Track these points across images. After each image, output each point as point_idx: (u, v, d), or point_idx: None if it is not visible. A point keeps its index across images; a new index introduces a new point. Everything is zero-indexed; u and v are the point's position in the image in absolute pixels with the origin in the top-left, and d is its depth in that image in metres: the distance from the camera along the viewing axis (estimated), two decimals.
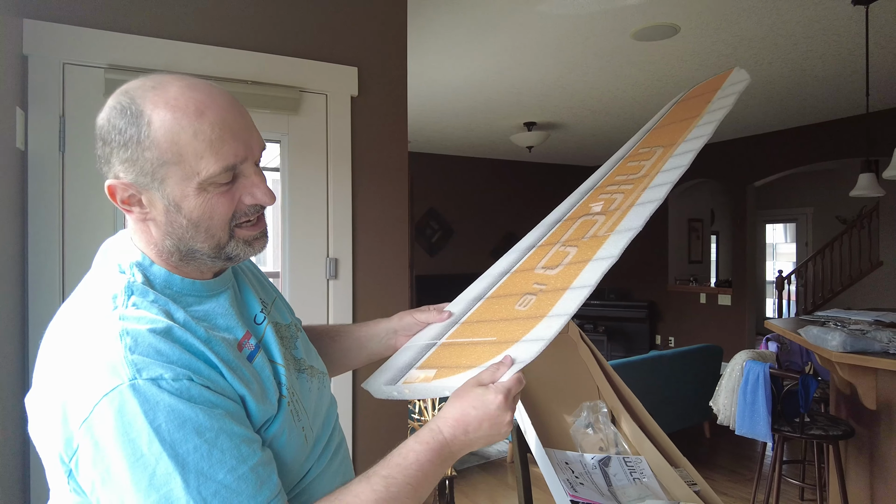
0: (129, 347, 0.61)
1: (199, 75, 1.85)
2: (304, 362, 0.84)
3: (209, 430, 0.62)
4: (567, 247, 0.89)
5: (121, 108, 0.67)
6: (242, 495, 0.62)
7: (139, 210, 0.70)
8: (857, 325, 2.45)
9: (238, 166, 0.69)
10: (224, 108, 0.69)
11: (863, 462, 2.46)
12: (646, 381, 3.66)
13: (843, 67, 3.89)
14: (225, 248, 0.72)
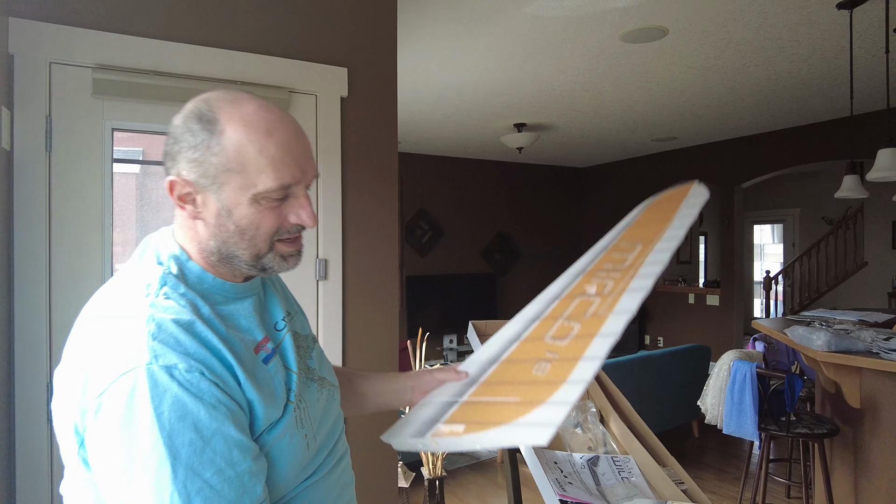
0: (152, 333, 0.66)
1: (187, 76, 1.85)
2: (316, 372, 0.87)
3: (207, 428, 0.64)
4: (571, 322, 1.00)
5: (199, 114, 0.73)
6: (224, 499, 0.64)
7: (192, 208, 0.75)
8: (842, 324, 2.48)
9: (291, 187, 0.75)
10: (290, 133, 0.75)
11: (847, 460, 2.49)
12: (635, 381, 3.68)
13: (829, 70, 3.94)
14: (262, 259, 0.77)
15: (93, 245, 1.71)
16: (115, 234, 2.00)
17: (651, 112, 5.09)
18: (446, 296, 6.96)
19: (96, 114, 1.71)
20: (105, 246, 1.74)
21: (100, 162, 1.72)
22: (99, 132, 1.71)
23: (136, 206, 2.27)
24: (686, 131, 5.91)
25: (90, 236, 1.71)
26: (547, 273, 7.98)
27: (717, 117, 5.30)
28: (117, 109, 1.75)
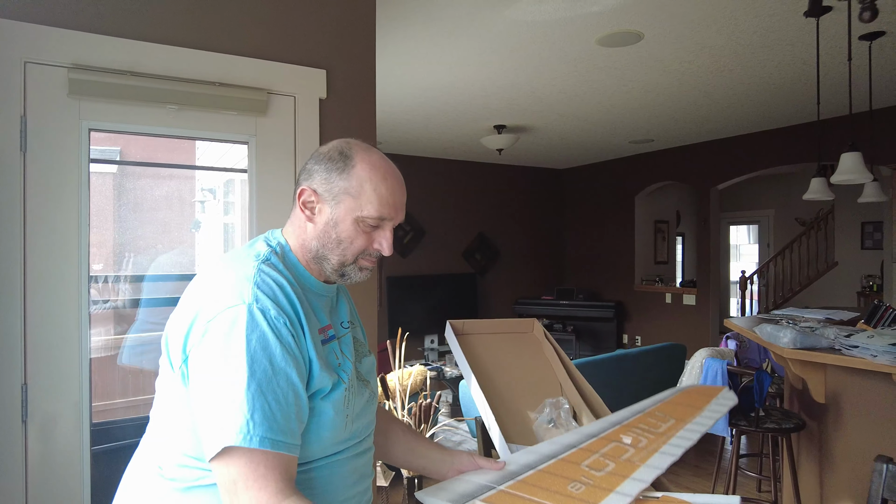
0: (258, 283, 0.88)
1: (165, 77, 1.86)
2: (363, 374, 1.05)
3: (278, 364, 0.84)
4: (606, 459, 1.15)
5: (341, 150, 0.98)
6: (275, 420, 0.82)
7: (309, 213, 0.98)
8: (808, 322, 2.56)
9: (384, 221, 0.98)
10: (397, 183, 0.99)
11: (813, 453, 2.57)
12: (611, 379, 3.74)
13: (799, 76, 4.05)
14: (346, 267, 0.98)
15: (69, 245, 1.71)
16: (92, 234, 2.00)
17: (628, 114, 5.17)
18: (427, 296, 6.98)
19: (72, 114, 1.71)
20: (81, 246, 1.73)
21: (76, 162, 1.72)
22: (75, 132, 1.71)
23: (113, 206, 2.26)
24: (662, 134, 6.01)
25: (66, 236, 1.71)
26: (527, 273, 8.07)
27: (692, 120, 5.41)
28: (94, 110, 1.75)
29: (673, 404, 1.49)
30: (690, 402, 1.50)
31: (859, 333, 2.15)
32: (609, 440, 1.25)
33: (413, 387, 3.40)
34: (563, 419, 1.71)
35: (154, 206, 2.35)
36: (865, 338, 2.04)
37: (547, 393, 1.82)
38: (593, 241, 7.97)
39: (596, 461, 1.15)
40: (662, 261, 7.74)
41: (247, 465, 0.80)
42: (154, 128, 1.87)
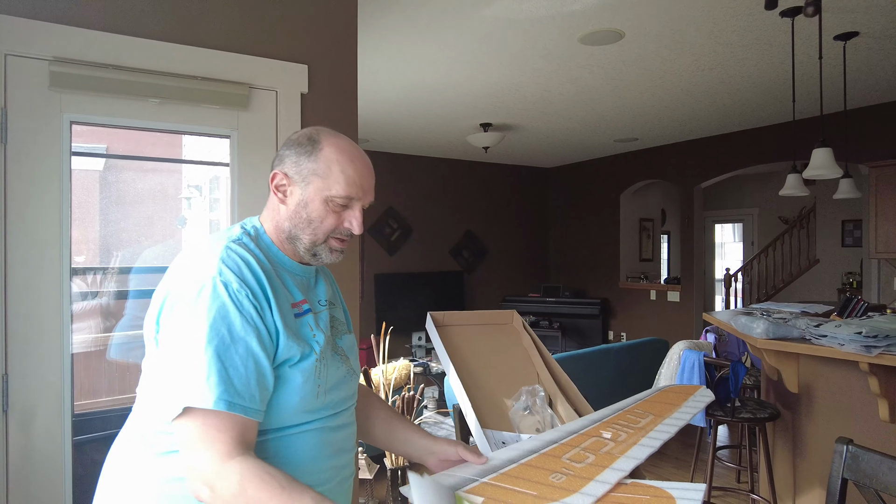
0: (223, 259, 0.95)
1: (147, 70, 1.88)
2: (342, 350, 1.11)
3: (237, 332, 0.91)
4: (586, 452, 1.20)
5: (310, 136, 1.04)
6: (232, 385, 0.88)
7: (281, 196, 1.04)
8: (781, 314, 2.62)
9: (352, 201, 1.03)
10: (365, 166, 1.06)
11: (787, 442, 2.64)
12: (595, 373, 3.80)
13: (778, 75, 4.12)
14: (317, 247, 1.04)
15: (50, 237, 1.72)
16: (78, 229, 2.01)
17: (612, 113, 5.23)
18: (415, 293, 7.01)
19: (54, 106, 1.72)
20: (63, 238, 1.75)
21: (58, 155, 1.73)
22: (56, 125, 1.73)
23: (98, 202, 2.27)
24: (647, 132, 6.08)
25: (47, 229, 1.72)
26: (514, 271, 8.12)
27: (675, 119, 5.48)
28: (76, 102, 1.76)
29: (651, 402, 1.56)
30: (669, 399, 1.57)
31: (828, 323, 2.21)
32: (589, 436, 1.31)
33: (397, 381, 3.43)
34: (539, 406, 1.75)
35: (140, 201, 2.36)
36: (833, 327, 2.10)
37: (524, 381, 1.86)
38: (579, 238, 8.03)
39: (577, 454, 1.20)
40: (647, 258, 7.82)
41: (201, 426, 0.86)
42: (136, 121, 1.89)
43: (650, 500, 1.03)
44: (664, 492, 1.06)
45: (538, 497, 1.02)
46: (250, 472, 0.85)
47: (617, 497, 1.06)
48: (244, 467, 0.85)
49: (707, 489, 2.81)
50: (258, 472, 0.86)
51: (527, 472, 1.14)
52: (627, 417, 1.44)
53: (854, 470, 1.36)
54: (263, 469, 0.86)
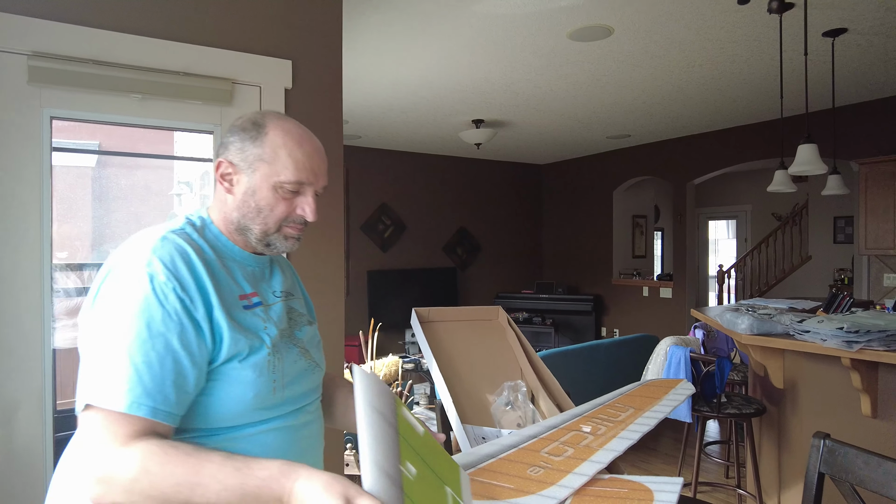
0: (155, 249, 0.89)
1: (128, 66, 1.87)
2: (301, 342, 1.05)
3: (156, 328, 0.84)
4: (565, 446, 1.20)
5: (253, 120, 0.98)
6: (142, 384, 0.82)
7: (228, 185, 0.98)
8: (766, 310, 2.63)
9: (304, 186, 0.98)
10: (314, 148, 1.00)
11: (773, 437, 2.65)
12: (584, 368, 3.81)
13: (768, 71, 4.12)
14: (269, 237, 0.98)
15: (31, 235, 1.72)
16: (69, 225, 2.00)
17: (604, 110, 5.23)
18: (408, 290, 7.01)
19: (33, 101, 1.71)
20: (44, 235, 1.74)
21: (38, 150, 1.72)
22: (36, 120, 1.72)
23: (91, 201, 2.26)
24: (639, 129, 6.08)
25: (27, 224, 1.71)
26: (507, 268, 8.13)
27: (667, 115, 5.48)
28: (56, 97, 1.75)
29: (632, 396, 1.56)
30: (649, 393, 1.58)
31: (811, 319, 2.22)
32: (569, 430, 1.31)
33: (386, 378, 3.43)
34: (521, 401, 1.76)
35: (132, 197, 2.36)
36: (816, 323, 2.11)
37: (507, 377, 1.87)
38: (572, 235, 8.04)
39: (555, 448, 1.20)
40: (640, 255, 7.84)
41: (100, 425, 0.80)
42: (118, 117, 1.88)
43: (628, 494, 1.03)
44: (642, 485, 1.07)
45: (515, 490, 1.02)
46: (150, 451, 0.79)
47: (595, 490, 1.06)
48: (144, 448, 0.79)
49: (693, 484, 2.82)
50: (160, 447, 0.80)
51: (505, 466, 1.14)
52: (608, 411, 1.44)
53: (830, 464, 1.37)
54: (167, 444, 0.81)
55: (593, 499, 1.02)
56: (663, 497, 0.98)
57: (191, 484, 0.78)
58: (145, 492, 0.78)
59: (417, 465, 0.84)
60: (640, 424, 1.32)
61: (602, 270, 7.59)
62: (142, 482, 0.77)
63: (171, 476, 0.78)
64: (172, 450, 0.80)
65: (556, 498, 0.98)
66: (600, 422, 1.36)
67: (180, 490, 0.78)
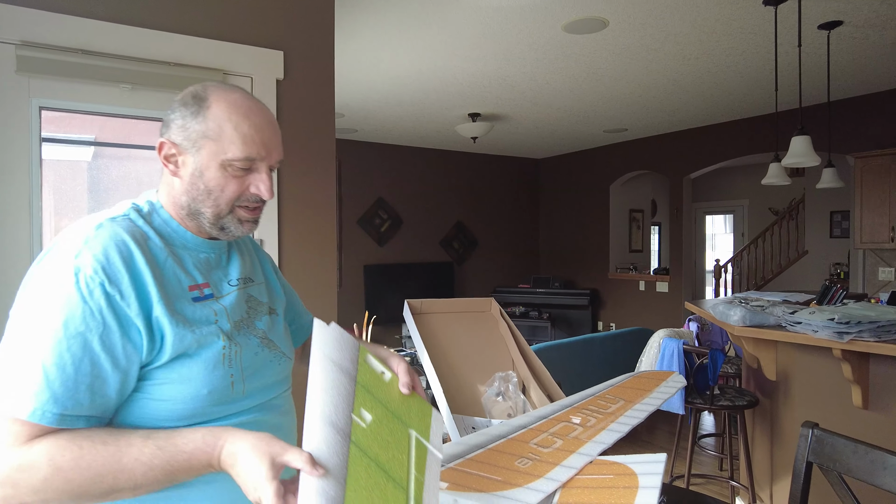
0: (87, 240, 0.81)
1: (118, 56, 1.85)
2: (262, 332, 0.98)
3: (75, 328, 0.77)
4: (554, 437, 1.20)
5: (194, 92, 0.90)
6: (50, 388, 0.74)
7: (173, 167, 0.90)
8: (758, 302, 2.64)
9: (256, 162, 0.89)
10: (264, 120, 0.91)
11: (765, 429, 2.66)
12: (579, 361, 3.81)
13: (763, 65, 4.12)
14: (223, 219, 0.91)
15: (20, 226, 1.71)
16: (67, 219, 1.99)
17: (600, 103, 5.22)
18: (405, 284, 7.01)
19: (21, 91, 1.70)
20: (33, 228, 1.73)
21: (26, 141, 1.71)
22: (25, 110, 1.71)
23: (87, 195, 2.25)
24: (635, 123, 6.07)
25: (16, 216, 1.71)
26: (504, 262, 8.13)
27: (663, 109, 5.47)
28: (45, 87, 1.74)
29: (623, 388, 1.56)
30: (640, 385, 1.57)
31: (803, 310, 2.22)
32: (559, 420, 1.31)
33: None
34: (511, 392, 1.76)
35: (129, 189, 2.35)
36: (807, 314, 2.11)
37: (499, 368, 1.87)
38: (569, 229, 8.04)
39: (544, 439, 1.20)
40: (637, 249, 7.84)
41: (2, 428, 0.74)
42: (108, 107, 1.87)
43: (614, 481, 1.03)
44: (627, 468, 1.06)
45: (503, 482, 1.02)
46: (59, 446, 0.73)
47: (582, 480, 1.06)
48: (52, 444, 0.73)
49: (686, 476, 2.83)
50: (71, 440, 0.74)
51: (493, 457, 1.14)
52: (598, 403, 1.44)
53: (819, 453, 1.37)
54: (79, 435, 0.75)
55: (581, 490, 1.02)
56: (647, 481, 0.97)
57: (113, 472, 0.74)
58: (60, 489, 0.73)
59: (376, 412, 0.84)
60: (629, 417, 1.32)
61: (599, 265, 7.60)
62: (54, 480, 0.72)
63: (89, 468, 0.73)
64: (86, 441, 0.75)
65: (544, 491, 0.97)
66: (590, 413, 1.36)
67: (103, 480, 0.74)
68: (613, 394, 1.52)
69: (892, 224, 4.50)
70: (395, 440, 0.84)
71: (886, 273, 4.90)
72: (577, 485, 1.05)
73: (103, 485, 0.74)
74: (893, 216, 4.50)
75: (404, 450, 0.85)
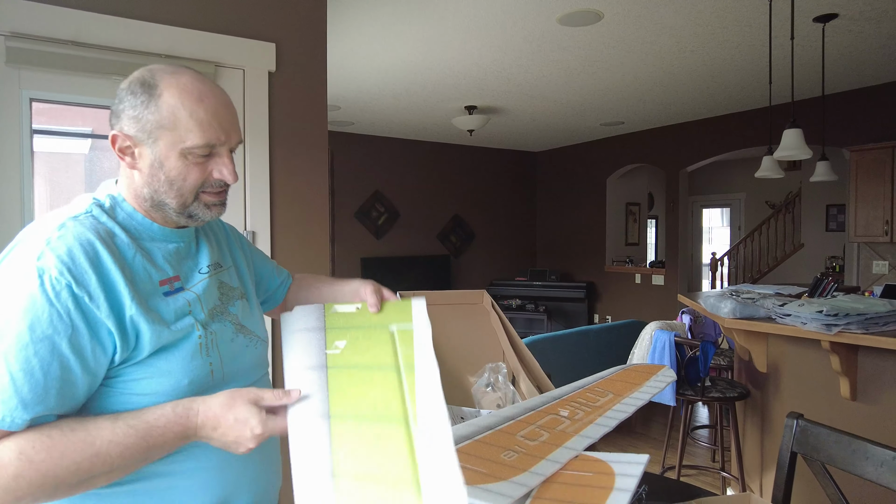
0: (49, 241, 0.78)
1: (108, 48, 1.85)
2: (236, 317, 0.98)
3: (42, 329, 0.74)
4: (541, 430, 1.21)
5: (142, 80, 0.86)
6: (18, 394, 0.72)
7: (130, 160, 0.87)
8: (750, 294, 2.65)
9: (216, 147, 0.87)
10: (219, 102, 0.88)
11: (756, 420, 2.68)
12: (574, 354, 3.83)
13: (759, 58, 4.11)
14: (189, 208, 0.89)
15: (11, 219, 1.71)
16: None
17: (597, 96, 5.21)
18: (402, 278, 7.02)
19: (11, 83, 1.70)
20: (25, 220, 1.74)
21: (16, 132, 1.72)
22: (15, 101, 1.71)
23: (83, 187, 2.26)
24: (632, 116, 6.07)
25: (7, 209, 1.71)
26: (501, 255, 8.14)
27: (659, 102, 5.47)
28: (35, 79, 1.74)
29: (612, 381, 1.57)
30: (630, 378, 1.58)
31: (792, 302, 2.24)
32: (547, 413, 1.31)
33: None
34: (501, 383, 1.77)
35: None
36: (796, 307, 2.13)
37: (489, 359, 1.88)
38: (566, 222, 8.05)
39: (532, 432, 1.20)
40: (633, 242, 7.86)
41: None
42: (98, 99, 1.87)
43: (592, 479, 1.04)
44: (608, 467, 1.07)
45: (487, 475, 1.01)
46: (29, 440, 0.72)
47: (562, 475, 1.07)
48: (19, 440, 0.72)
49: (678, 467, 2.85)
50: (38, 434, 0.73)
51: (479, 448, 1.14)
52: (587, 395, 1.44)
53: (803, 443, 1.39)
54: (47, 427, 0.74)
55: (559, 486, 1.03)
56: (623, 483, 0.97)
57: (88, 458, 0.74)
58: (35, 483, 0.72)
59: (350, 334, 0.93)
60: (617, 411, 1.32)
61: (595, 258, 7.61)
62: (27, 475, 0.71)
63: (63, 458, 0.73)
64: (55, 431, 0.74)
65: (527, 485, 0.97)
66: (578, 406, 1.36)
67: (79, 467, 0.74)
68: (603, 387, 1.52)
69: (886, 218, 4.51)
70: (376, 341, 0.93)
71: (880, 266, 4.91)
72: (556, 479, 1.05)
73: (79, 472, 0.74)
74: (888, 210, 4.52)
75: (387, 341, 0.94)
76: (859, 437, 1.23)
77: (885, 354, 2.01)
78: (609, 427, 1.23)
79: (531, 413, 1.32)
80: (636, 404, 1.38)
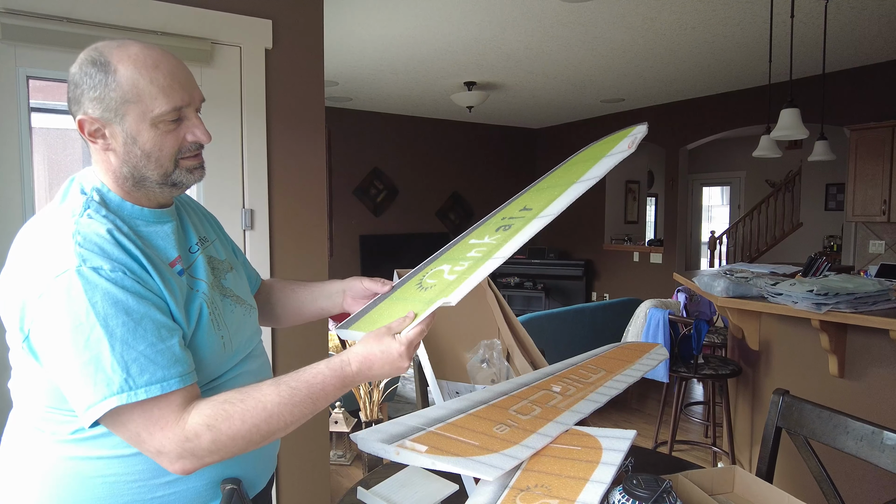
0: (79, 243, 0.80)
1: (104, 24, 1.85)
2: (230, 291, 1.02)
3: (136, 311, 0.80)
4: (533, 405, 1.24)
5: (91, 60, 0.85)
6: (158, 364, 0.80)
7: (103, 142, 0.87)
8: (743, 273, 2.68)
9: (183, 109, 0.87)
10: (173, 65, 0.88)
11: (747, 397, 2.73)
12: (570, 331, 3.88)
13: (760, 35, 4.07)
14: (171, 176, 0.89)
15: (11, 196, 1.73)
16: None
17: (597, 73, 5.17)
18: (401, 255, 7.04)
19: (7, 60, 1.70)
20: (25, 197, 1.75)
21: (14, 110, 1.72)
22: (12, 79, 1.71)
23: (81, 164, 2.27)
24: (632, 93, 6.03)
25: (7, 185, 1.72)
26: None
27: (660, 79, 5.43)
28: (31, 56, 1.74)
29: (605, 358, 1.59)
30: (623, 356, 1.60)
31: (784, 282, 2.26)
32: (539, 388, 1.34)
33: None
34: (496, 359, 1.81)
35: None
36: (788, 286, 2.16)
37: (485, 336, 1.92)
38: None
39: (524, 406, 1.23)
40: (632, 220, 7.87)
41: (142, 416, 0.79)
42: None
43: (580, 453, 1.07)
44: (596, 441, 1.11)
45: (479, 447, 1.05)
46: (210, 415, 0.81)
47: (552, 448, 1.10)
48: (201, 414, 0.81)
49: (670, 442, 2.91)
50: (214, 407, 0.82)
51: (472, 422, 1.17)
52: (580, 372, 1.47)
53: (787, 418, 1.43)
54: (216, 401, 0.82)
55: (549, 459, 1.06)
56: (609, 457, 1.00)
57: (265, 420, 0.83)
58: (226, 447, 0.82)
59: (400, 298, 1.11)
60: (609, 388, 1.36)
61: (594, 236, 7.63)
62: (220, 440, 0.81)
63: (243, 423, 0.81)
64: (227, 405, 0.82)
65: (518, 458, 1.01)
66: (570, 382, 1.39)
67: (259, 428, 0.83)
68: (596, 364, 1.55)
69: (884, 197, 4.52)
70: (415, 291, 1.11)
71: (877, 246, 4.93)
72: (546, 452, 1.09)
73: (259, 432, 0.83)
74: (886, 189, 4.52)
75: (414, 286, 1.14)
76: (841, 413, 1.27)
77: (873, 333, 2.04)
78: (600, 403, 1.26)
79: (524, 388, 1.36)
80: (628, 381, 1.41)
